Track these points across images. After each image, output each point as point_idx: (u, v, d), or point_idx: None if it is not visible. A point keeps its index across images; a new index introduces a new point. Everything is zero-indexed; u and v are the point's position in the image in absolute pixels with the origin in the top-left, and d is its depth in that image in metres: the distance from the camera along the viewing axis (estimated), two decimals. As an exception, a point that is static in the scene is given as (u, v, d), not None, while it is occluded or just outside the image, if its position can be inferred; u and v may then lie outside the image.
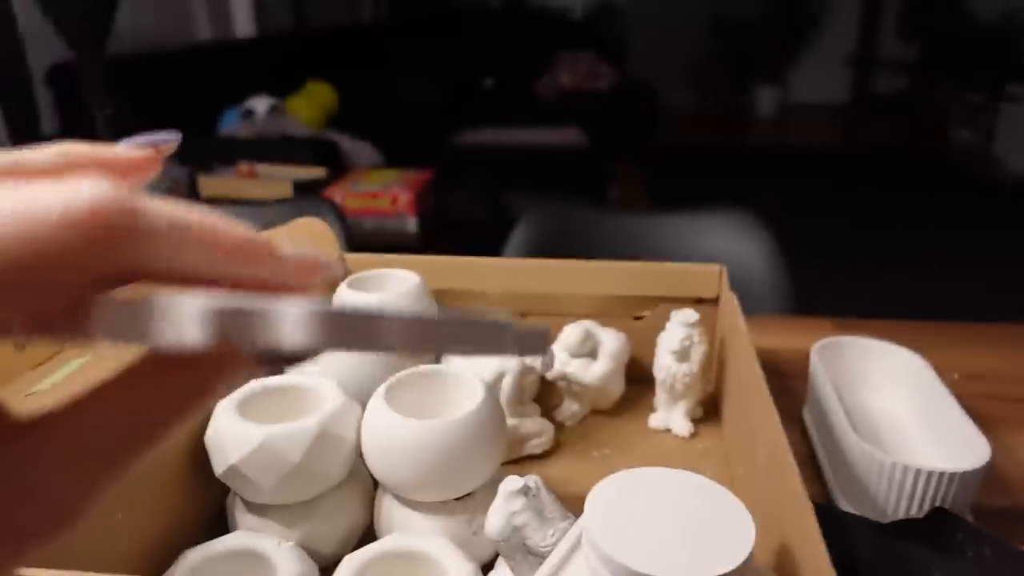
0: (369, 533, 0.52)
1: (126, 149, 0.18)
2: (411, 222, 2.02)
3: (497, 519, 0.42)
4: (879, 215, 3.28)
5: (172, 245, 0.14)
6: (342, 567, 0.42)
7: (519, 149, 2.81)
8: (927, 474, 0.50)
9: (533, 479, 0.43)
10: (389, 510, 0.50)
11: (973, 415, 0.56)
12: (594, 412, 0.69)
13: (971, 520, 0.52)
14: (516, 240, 1.10)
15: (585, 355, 0.67)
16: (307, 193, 1.97)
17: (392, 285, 0.66)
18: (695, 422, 0.66)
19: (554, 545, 0.41)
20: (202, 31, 3.09)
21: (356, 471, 0.52)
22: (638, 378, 0.70)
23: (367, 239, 1.98)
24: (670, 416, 0.66)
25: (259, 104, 2.45)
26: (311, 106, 2.71)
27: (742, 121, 5.02)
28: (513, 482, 0.42)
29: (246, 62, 2.85)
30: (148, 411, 0.16)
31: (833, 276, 2.45)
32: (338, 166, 2.24)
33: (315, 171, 2.15)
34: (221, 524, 0.52)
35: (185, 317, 0.13)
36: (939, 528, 0.48)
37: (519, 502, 0.42)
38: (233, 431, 0.46)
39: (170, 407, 0.16)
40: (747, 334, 0.56)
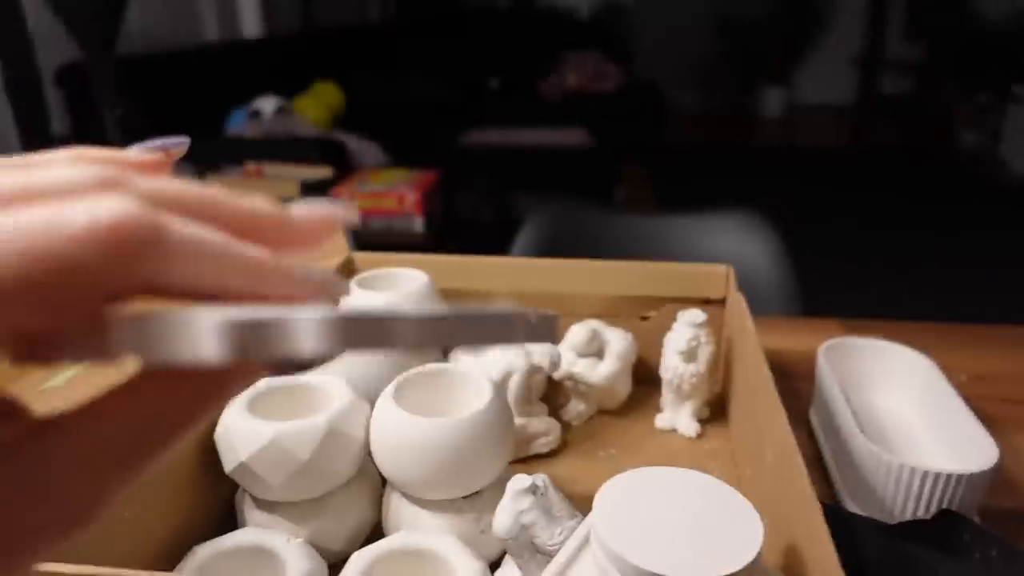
0: (377, 531, 0.52)
1: (137, 153, 0.18)
2: (418, 222, 2.03)
3: (505, 517, 0.42)
4: (885, 216, 3.27)
5: (189, 262, 0.15)
6: (350, 564, 0.42)
7: (525, 149, 2.81)
8: (935, 475, 0.50)
9: (541, 478, 0.44)
10: (397, 508, 0.50)
11: (980, 417, 0.56)
12: (600, 412, 0.69)
13: (978, 522, 0.52)
14: (522, 240, 1.10)
15: (592, 355, 0.67)
16: (314, 193, 1.98)
17: (400, 284, 0.66)
18: (701, 423, 0.66)
19: (562, 544, 0.41)
20: (210, 31, 3.10)
21: (364, 469, 0.52)
22: (645, 378, 0.70)
23: (374, 239, 1.99)
24: (676, 416, 0.67)
25: (266, 104, 2.46)
26: (318, 106, 2.72)
27: (748, 122, 5.01)
28: (521, 480, 0.43)
29: (254, 62, 2.86)
30: (162, 414, 0.16)
31: (839, 277, 2.44)
32: (345, 166, 2.25)
33: (322, 171, 2.16)
34: (230, 521, 0.52)
35: (203, 332, 0.13)
36: (946, 529, 0.48)
37: (527, 501, 0.42)
38: (243, 428, 0.47)
39: (183, 410, 0.17)
40: (755, 335, 0.57)
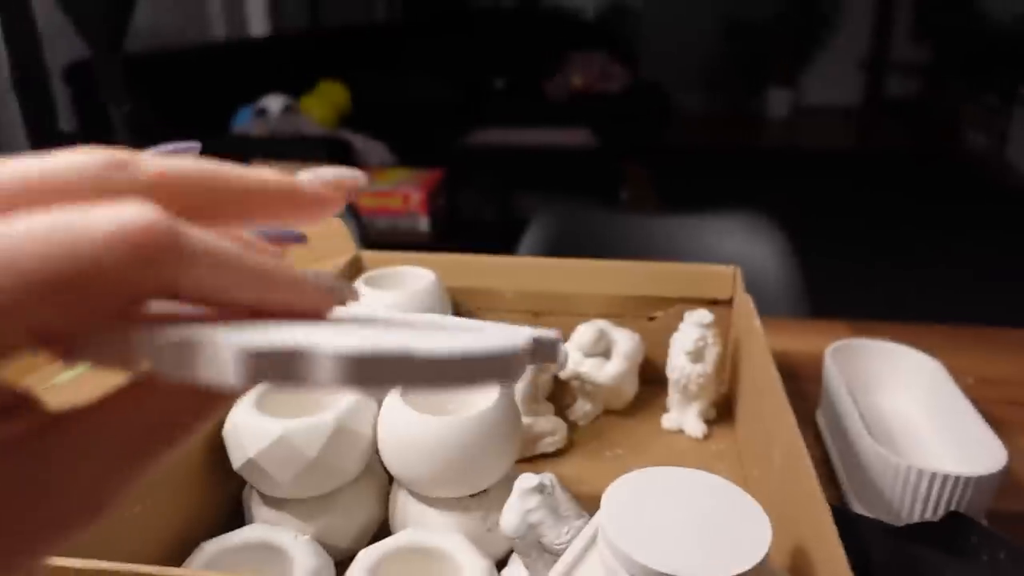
0: (384, 528, 0.52)
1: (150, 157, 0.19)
2: (423, 221, 2.03)
3: (512, 516, 0.42)
4: (891, 217, 3.26)
5: (205, 270, 0.15)
6: (358, 561, 0.43)
7: (530, 149, 2.81)
8: (943, 478, 0.50)
9: (548, 477, 0.44)
10: (404, 505, 0.50)
11: (988, 419, 0.56)
12: (607, 412, 0.69)
13: (986, 524, 0.51)
14: (529, 240, 1.10)
15: (599, 355, 0.67)
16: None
17: (407, 283, 0.66)
18: (708, 423, 0.66)
19: (568, 543, 0.41)
20: (217, 30, 3.11)
21: (372, 466, 0.52)
22: (651, 378, 0.70)
23: (379, 238, 1.99)
24: (683, 417, 0.67)
25: (273, 103, 2.46)
26: (324, 105, 2.72)
27: (754, 123, 5.01)
28: (528, 479, 0.43)
29: (260, 61, 2.87)
30: (174, 411, 0.17)
31: (845, 278, 2.44)
32: (350, 165, 2.25)
33: (327, 170, 2.16)
34: (238, 517, 0.52)
35: (224, 358, 0.14)
36: (954, 532, 0.48)
37: (534, 499, 0.42)
38: (251, 425, 0.47)
39: (195, 407, 0.17)
40: (763, 336, 0.56)
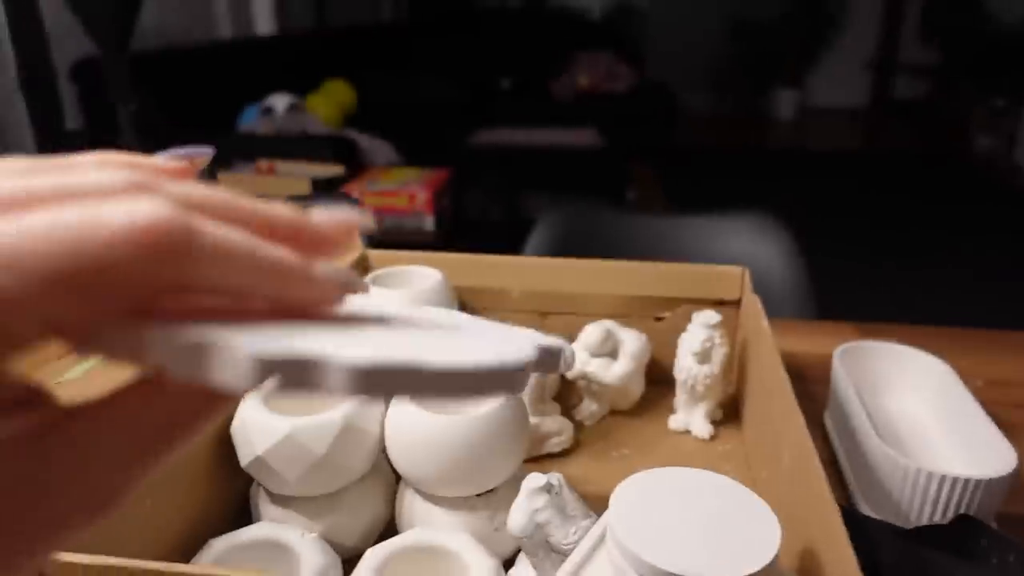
0: (390, 527, 0.52)
1: (164, 160, 0.19)
2: (428, 220, 2.03)
3: (520, 516, 0.42)
4: (898, 219, 3.25)
5: (218, 263, 0.15)
6: (365, 560, 0.42)
7: (536, 149, 2.81)
8: (952, 480, 0.50)
9: (556, 476, 0.43)
10: (411, 504, 0.50)
11: (997, 422, 0.55)
12: (613, 412, 0.69)
13: (995, 528, 0.51)
14: (535, 239, 1.10)
15: (605, 355, 0.67)
16: (324, 190, 1.99)
17: (414, 282, 0.66)
18: (715, 424, 0.66)
19: (576, 543, 0.41)
20: (224, 29, 3.12)
21: (379, 465, 0.52)
22: (658, 379, 0.70)
23: (384, 237, 2.00)
24: (690, 418, 0.66)
25: (279, 101, 2.46)
26: (330, 104, 2.72)
27: (761, 124, 4.99)
28: (536, 479, 0.43)
29: (267, 60, 2.87)
30: (185, 404, 0.17)
31: (852, 279, 2.43)
32: (356, 164, 2.25)
33: (333, 169, 2.16)
34: (245, 515, 0.52)
35: (236, 363, 0.14)
36: (963, 535, 0.48)
37: (542, 499, 0.42)
38: (259, 423, 0.47)
39: (206, 400, 0.17)
40: (771, 336, 0.56)
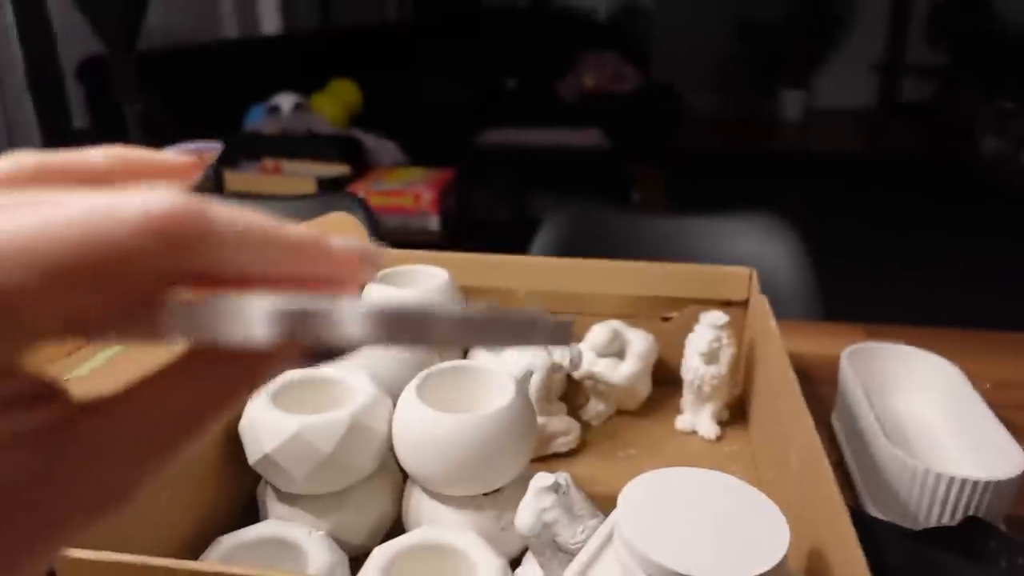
0: (397, 525, 0.52)
1: (173, 155, 0.19)
2: (433, 220, 2.03)
3: (527, 515, 0.42)
4: (905, 220, 3.23)
5: (238, 250, 0.15)
6: (372, 558, 0.43)
7: (541, 150, 2.81)
8: (961, 482, 0.50)
9: (563, 476, 0.43)
10: (418, 503, 0.50)
11: (1006, 424, 0.55)
12: (620, 412, 0.69)
13: (1004, 529, 0.51)
14: (542, 239, 1.10)
15: (613, 355, 0.67)
16: (330, 190, 1.99)
17: (421, 281, 0.66)
18: (721, 425, 0.66)
19: (583, 542, 0.41)
20: (230, 29, 3.13)
21: (386, 463, 0.52)
22: (665, 379, 0.69)
23: (389, 236, 1.99)
24: (697, 418, 0.66)
25: (284, 101, 2.47)
26: (336, 104, 2.73)
27: (767, 125, 4.98)
28: (543, 479, 0.43)
29: (272, 59, 2.88)
30: (198, 399, 0.17)
31: (859, 280, 2.42)
32: (362, 164, 2.26)
33: (339, 168, 2.16)
34: (252, 513, 0.53)
35: (254, 318, 0.14)
36: (972, 536, 0.48)
37: (549, 499, 0.42)
38: (267, 421, 0.47)
39: (219, 395, 0.17)
40: (779, 337, 0.56)
